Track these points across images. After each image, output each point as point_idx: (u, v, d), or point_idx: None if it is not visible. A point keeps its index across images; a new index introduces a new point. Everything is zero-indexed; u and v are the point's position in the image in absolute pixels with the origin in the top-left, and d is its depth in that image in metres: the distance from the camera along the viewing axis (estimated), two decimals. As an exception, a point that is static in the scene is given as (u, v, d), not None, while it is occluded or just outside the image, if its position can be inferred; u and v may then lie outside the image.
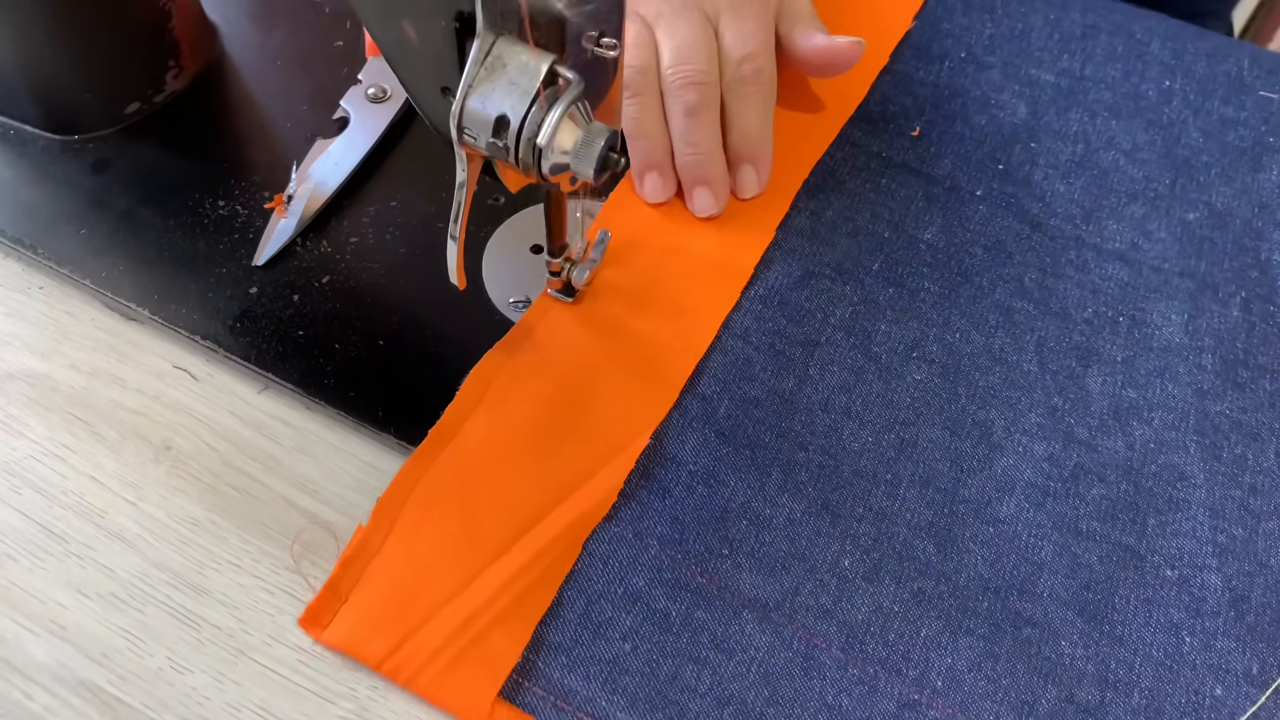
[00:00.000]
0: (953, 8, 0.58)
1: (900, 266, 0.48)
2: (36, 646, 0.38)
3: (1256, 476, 0.44)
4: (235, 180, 0.49)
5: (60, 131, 0.50)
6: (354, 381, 0.43)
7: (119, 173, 0.49)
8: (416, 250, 0.47)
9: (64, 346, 0.45)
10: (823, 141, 0.51)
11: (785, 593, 0.40)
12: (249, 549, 0.40)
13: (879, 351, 0.46)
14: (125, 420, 0.43)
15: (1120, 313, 0.48)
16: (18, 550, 0.40)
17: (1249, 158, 0.53)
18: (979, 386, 0.45)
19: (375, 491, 0.41)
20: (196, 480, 0.42)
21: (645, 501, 0.41)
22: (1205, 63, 0.56)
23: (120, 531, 0.40)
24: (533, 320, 0.45)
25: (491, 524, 0.40)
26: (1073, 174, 0.52)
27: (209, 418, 0.43)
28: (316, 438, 0.43)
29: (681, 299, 0.46)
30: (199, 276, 0.46)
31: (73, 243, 0.47)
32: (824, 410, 0.44)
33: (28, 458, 0.42)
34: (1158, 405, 0.45)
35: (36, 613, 0.38)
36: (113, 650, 0.38)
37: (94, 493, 0.41)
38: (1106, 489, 0.43)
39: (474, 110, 0.32)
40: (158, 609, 0.39)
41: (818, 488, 0.42)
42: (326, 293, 0.46)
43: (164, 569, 0.40)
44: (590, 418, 0.42)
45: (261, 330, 0.44)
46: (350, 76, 0.53)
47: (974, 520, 0.42)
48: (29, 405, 0.43)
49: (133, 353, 0.45)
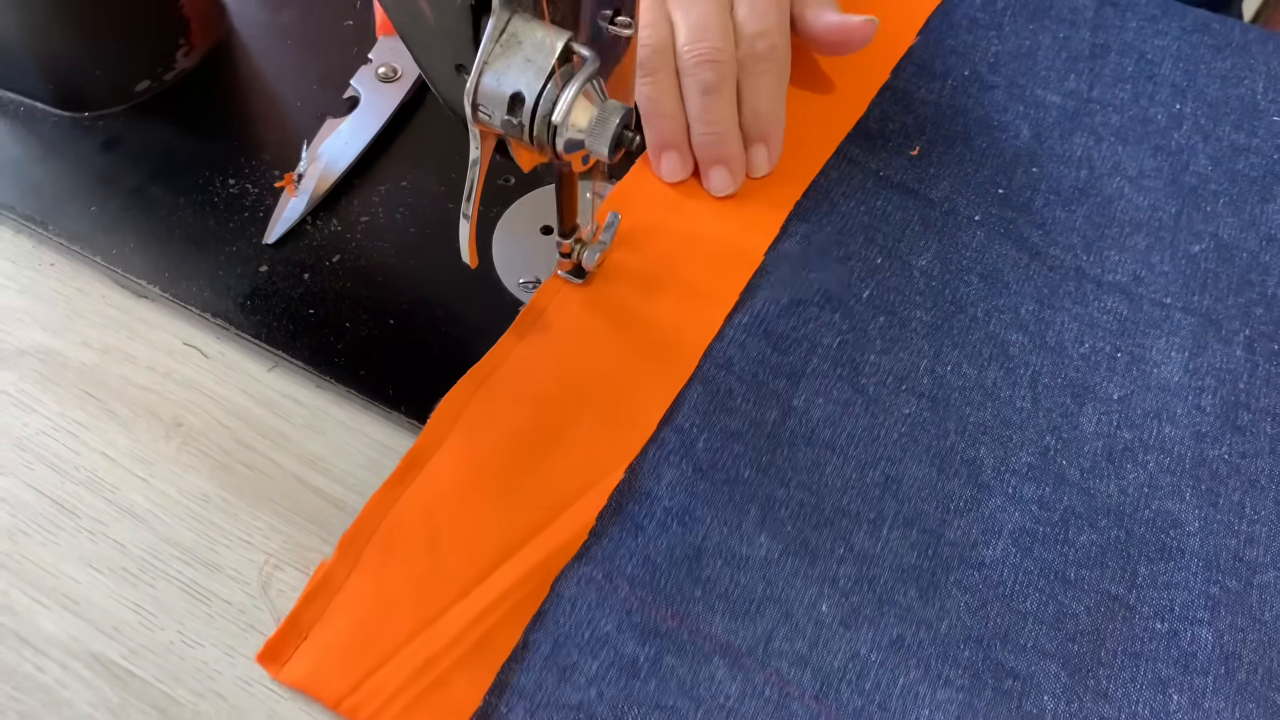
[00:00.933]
0: (958, 24, 0.56)
1: (892, 294, 0.47)
2: (48, 620, 0.38)
3: (1254, 526, 0.42)
4: (245, 158, 0.49)
5: (70, 109, 0.50)
6: (364, 360, 0.43)
7: (129, 150, 0.49)
8: (427, 229, 0.47)
9: (75, 323, 0.45)
10: (820, 156, 0.50)
11: (759, 638, 0.38)
12: (259, 525, 0.40)
13: (867, 383, 0.44)
14: (136, 397, 0.43)
15: (1119, 348, 0.46)
16: (30, 525, 0.40)
17: (1259, 187, 0.51)
18: (969, 422, 0.44)
19: (385, 470, 0.41)
20: (207, 457, 0.42)
21: (617, 540, 0.39)
22: (1218, 85, 0.54)
23: (131, 507, 0.40)
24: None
25: (458, 561, 0.38)
26: (1075, 201, 0.50)
27: (220, 395, 0.43)
28: (327, 415, 0.43)
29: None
30: (209, 254, 0.46)
31: (83, 220, 0.47)
32: (807, 444, 0.42)
33: (40, 433, 0.42)
34: (1154, 447, 0.43)
35: (48, 586, 0.39)
36: (124, 624, 0.38)
37: (105, 469, 0.41)
38: (1097, 535, 0.41)
39: (489, 87, 0.32)
40: (169, 584, 0.39)
41: (797, 526, 0.40)
42: (337, 271, 0.46)
43: (175, 544, 0.40)
44: (563, 451, 0.41)
45: (272, 308, 0.45)
46: (360, 56, 0.53)
47: (959, 564, 0.40)
48: (41, 381, 0.43)
49: (143, 330, 0.45)
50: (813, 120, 0.51)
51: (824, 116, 0.52)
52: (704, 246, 0.47)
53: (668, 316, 0.45)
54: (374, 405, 0.43)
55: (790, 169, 0.49)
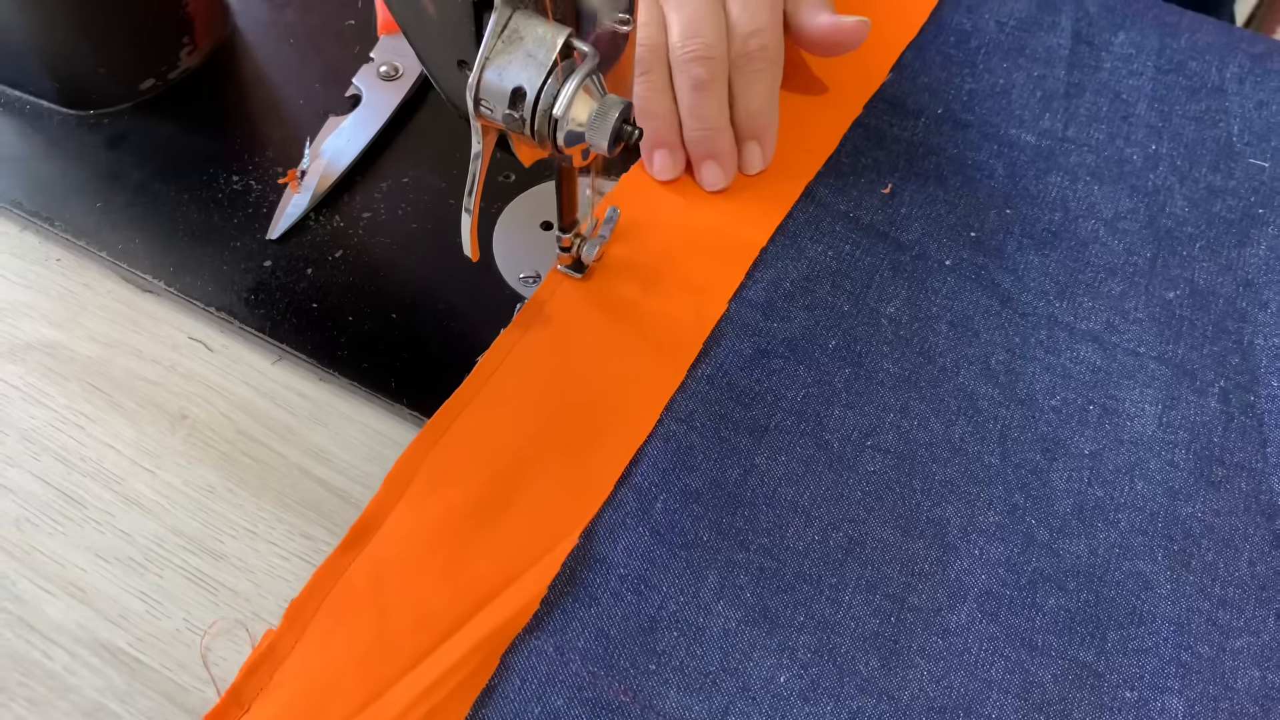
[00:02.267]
0: (931, 61, 0.55)
1: (859, 344, 0.45)
2: (55, 608, 0.38)
3: (1227, 588, 0.40)
4: (249, 156, 0.50)
5: (76, 107, 0.51)
6: (367, 353, 0.44)
7: (134, 147, 0.50)
8: (428, 225, 0.48)
9: (82, 318, 0.46)
10: (791, 194, 0.49)
11: (714, 712, 0.37)
12: (264, 516, 0.41)
13: (831, 439, 0.43)
14: (142, 390, 0.44)
15: (1091, 400, 0.45)
16: (38, 515, 0.40)
17: (1236, 230, 0.50)
18: (936, 480, 0.42)
19: (387, 461, 0.41)
20: (212, 449, 0.42)
21: (569, 610, 0.38)
22: (1194, 127, 0.53)
23: (138, 498, 0.41)
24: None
25: (407, 632, 0.37)
26: (1049, 244, 0.49)
27: (224, 388, 0.44)
28: (330, 408, 0.44)
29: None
30: (214, 250, 0.47)
31: (89, 216, 0.47)
32: (769, 505, 0.41)
33: (47, 425, 0.43)
34: (1125, 505, 0.42)
35: (56, 575, 0.39)
36: (130, 612, 0.38)
37: (112, 460, 0.42)
38: (1066, 598, 0.40)
39: (491, 82, 0.33)
40: (175, 573, 0.39)
41: (756, 593, 0.39)
42: (340, 266, 0.46)
43: (180, 534, 0.40)
44: (517, 515, 0.40)
45: (276, 302, 0.45)
46: (362, 55, 0.53)
47: (922, 631, 0.39)
48: (48, 375, 0.44)
49: (149, 324, 0.46)
50: (785, 155, 0.50)
51: (795, 152, 0.50)
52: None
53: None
54: (377, 398, 0.43)
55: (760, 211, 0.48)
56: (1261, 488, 0.43)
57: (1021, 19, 0.57)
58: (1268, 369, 0.46)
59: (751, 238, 0.47)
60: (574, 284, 0.46)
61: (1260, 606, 0.40)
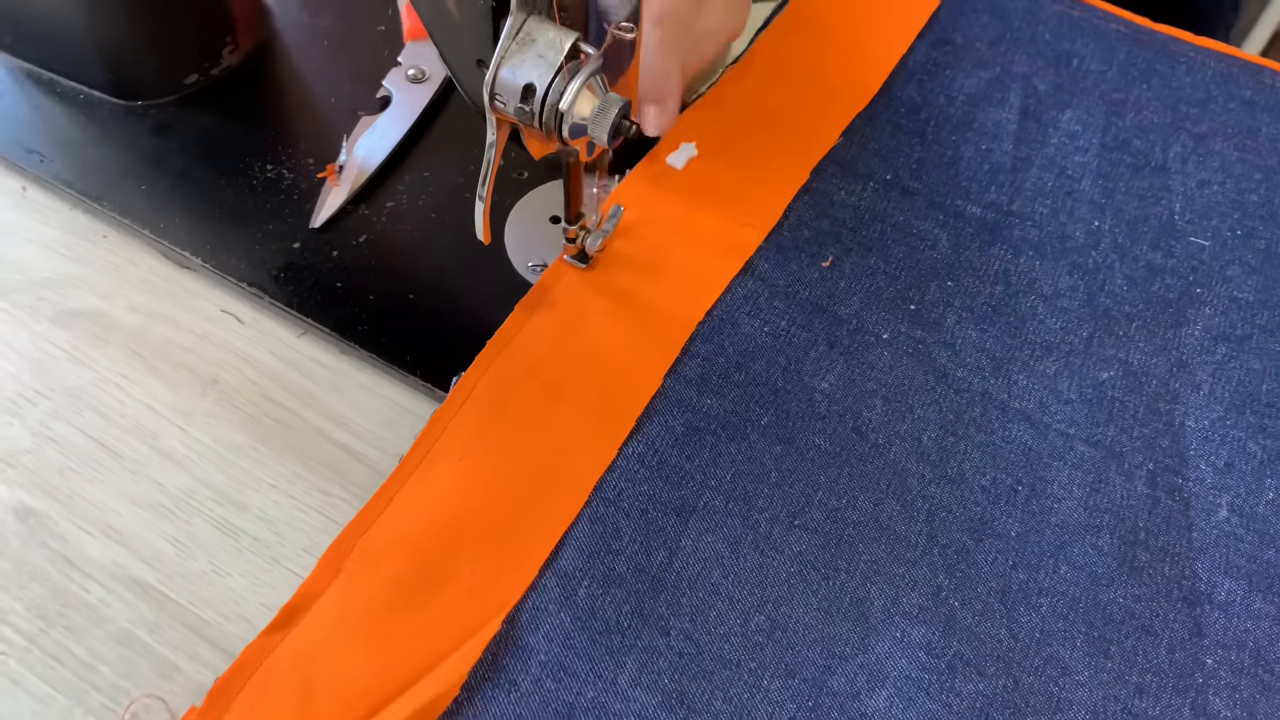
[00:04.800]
0: (881, 128, 0.56)
1: (791, 421, 0.45)
2: (93, 547, 0.42)
3: (1145, 675, 0.40)
4: (283, 148, 0.54)
5: (125, 97, 0.55)
6: (385, 329, 0.47)
7: (177, 136, 0.54)
8: (446, 216, 0.52)
9: (124, 289, 0.49)
10: (730, 270, 0.49)
11: None
12: (285, 472, 0.44)
13: (759, 519, 0.43)
14: (178, 356, 0.47)
15: (1020, 480, 0.45)
16: (79, 464, 0.44)
17: (1173, 310, 0.50)
18: (861, 559, 0.42)
19: (401, 428, 0.45)
20: (240, 411, 0.46)
21: (489, 696, 0.38)
22: (1136, 204, 0.54)
23: (170, 452, 0.45)
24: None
25: (328, 714, 0.38)
26: (987, 319, 0.49)
27: (252, 357, 0.48)
28: (349, 378, 0.47)
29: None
30: (247, 231, 0.50)
31: (134, 197, 0.51)
32: (692, 588, 0.41)
33: (90, 385, 0.46)
34: (1048, 590, 0.42)
35: (95, 518, 0.43)
36: (161, 554, 0.42)
37: (148, 418, 0.46)
38: (984, 683, 0.40)
39: (505, 79, 0.37)
40: (203, 520, 0.43)
41: (674, 679, 0.39)
42: (363, 250, 0.50)
43: (209, 486, 0.44)
44: (443, 599, 0.40)
45: (303, 281, 0.49)
46: (391, 58, 0.57)
47: (839, 715, 0.39)
48: (92, 340, 0.48)
49: (186, 297, 0.49)
50: (727, 228, 0.51)
51: (737, 226, 0.51)
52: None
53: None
54: (392, 369, 0.47)
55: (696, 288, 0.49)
56: (1185, 573, 0.43)
57: (971, 94, 0.58)
58: (1197, 451, 0.46)
59: (688, 314, 0.48)
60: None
61: (1177, 695, 0.40)
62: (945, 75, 0.59)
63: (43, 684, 0.39)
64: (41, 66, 0.56)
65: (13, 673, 0.39)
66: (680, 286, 0.49)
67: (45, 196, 0.52)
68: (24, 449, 0.44)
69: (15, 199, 0.52)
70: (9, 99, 0.55)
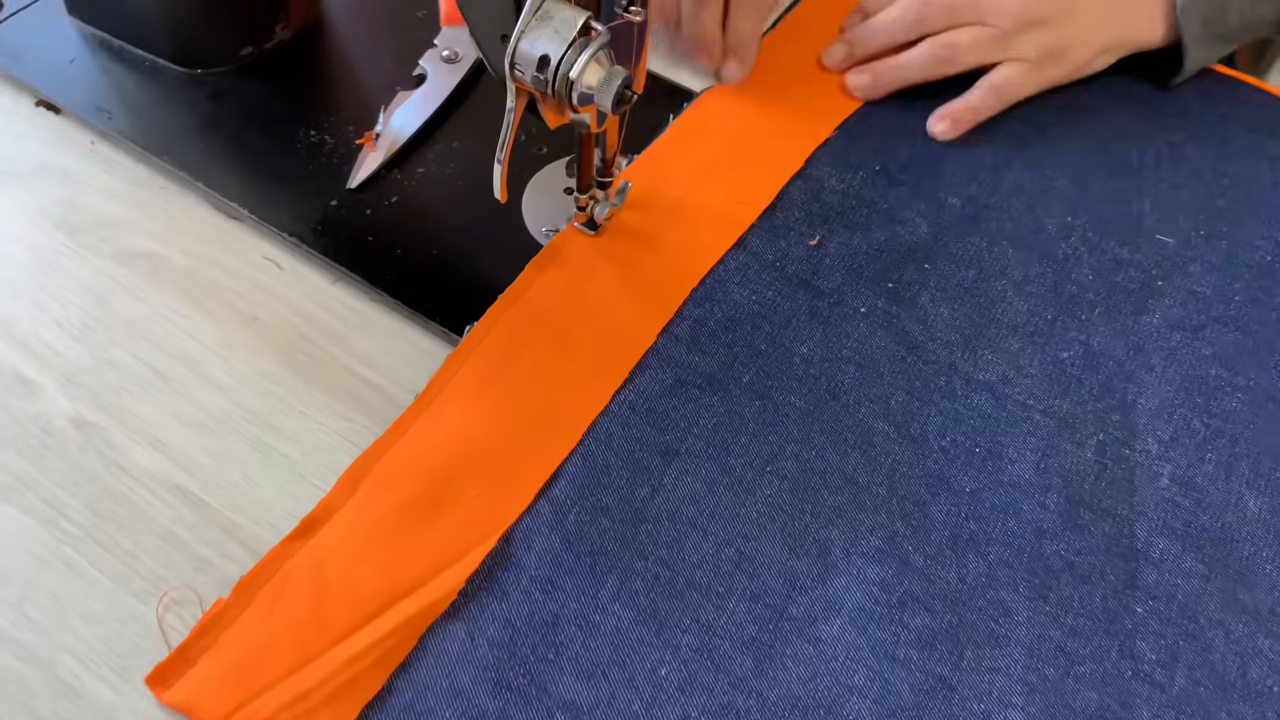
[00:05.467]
0: (874, 127, 0.60)
1: (770, 380, 0.49)
2: (142, 456, 0.47)
3: (1079, 619, 0.44)
4: (325, 116, 0.59)
5: (187, 65, 0.61)
6: (410, 279, 0.52)
7: (231, 102, 0.59)
8: (470, 183, 0.57)
9: (178, 236, 0.55)
10: (724, 243, 0.54)
11: (600, 698, 0.41)
12: (313, 401, 0.49)
13: (735, 464, 0.47)
14: (223, 296, 0.53)
15: (977, 444, 0.48)
16: (132, 385, 0.49)
17: (1135, 299, 0.54)
18: (826, 505, 0.46)
19: (420, 367, 0.50)
20: (275, 347, 0.51)
21: (483, 603, 0.42)
22: (1109, 203, 0.57)
23: (212, 378, 0.50)
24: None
25: (339, 611, 0.42)
26: (959, 299, 0.53)
27: (289, 299, 0.53)
28: (376, 322, 0.52)
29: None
30: (290, 188, 0.56)
31: (190, 154, 0.57)
32: (671, 521, 0.45)
33: (144, 318, 0.52)
34: (995, 540, 0.46)
35: (143, 432, 0.48)
36: (200, 465, 0.47)
37: (194, 348, 0.51)
38: (931, 618, 0.43)
39: (524, 51, 0.41)
40: (238, 438, 0.48)
41: (649, 597, 0.43)
42: (394, 210, 0.55)
43: (245, 409, 0.49)
44: (446, 519, 0.44)
45: (338, 234, 0.54)
46: (427, 41, 0.62)
47: (796, 638, 0.42)
48: (148, 278, 0.53)
49: (232, 244, 0.55)
50: (724, 207, 0.55)
51: (733, 204, 0.55)
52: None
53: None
54: (415, 315, 0.52)
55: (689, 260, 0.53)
56: (1124, 532, 0.46)
57: None
58: (1145, 426, 0.49)
59: (684, 280, 0.52)
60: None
61: (1107, 638, 0.43)
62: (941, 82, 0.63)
63: (94, 569, 0.44)
64: (114, 35, 0.61)
65: (69, 558, 0.44)
66: (678, 255, 0.54)
67: (111, 150, 0.58)
68: (84, 369, 0.49)
69: (85, 151, 0.58)
70: (84, 63, 0.61)
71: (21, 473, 0.46)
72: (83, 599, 0.43)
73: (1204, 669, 0.43)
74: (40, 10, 0.62)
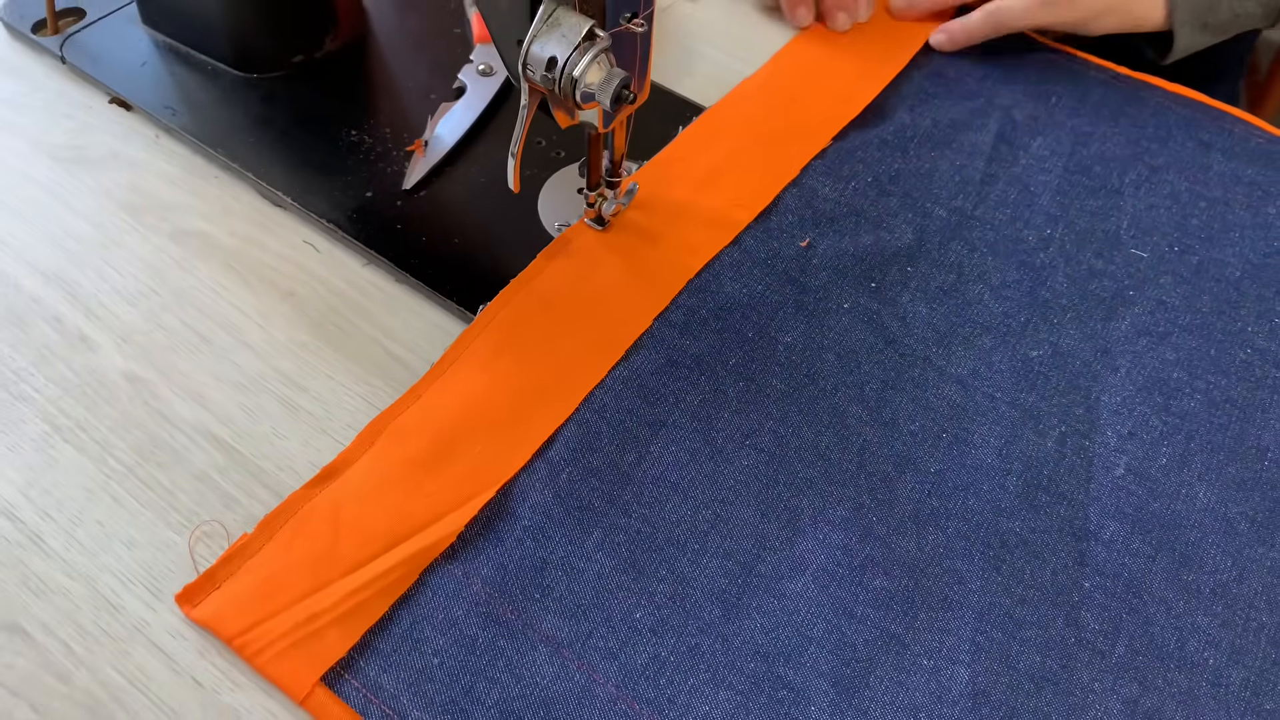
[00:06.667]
0: (868, 141, 0.64)
1: (754, 364, 0.53)
2: (183, 407, 0.52)
3: (1029, 590, 0.47)
4: (365, 118, 0.65)
5: (243, 70, 0.67)
6: (434, 264, 0.57)
7: (281, 103, 0.66)
8: (493, 181, 0.62)
9: (227, 219, 0.61)
10: (721, 241, 0.58)
11: (579, 634, 0.44)
12: (339, 366, 0.54)
13: (717, 436, 0.50)
14: (264, 273, 0.58)
15: (945, 429, 0.51)
16: (179, 345, 0.55)
17: (1106, 306, 0.57)
18: (798, 477, 0.49)
19: (437, 341, 0.55)
20: (309, 318, 0.56)
21: (479, 547, 0.47)
22: (1088, 219, 0.61)
23: (250, 343, 0.55)
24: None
25: (351, 547, 0.46)
26: (938, 300, 0.56)
27: (324, 278, 0.58)
28: (400, 301, 0.57)
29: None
30: (331, 181, 0.61)
31: (243, 147, 0.63)
32: (654, 484, 0.49)
33: (193, 289, 0.57)
34: (955, 515, 0.49)
35: (185, 386, 0.53)
36: (234, 417, 0.52)
37: (236, 317, 0.56)
38: (889, 582, 0.46)
39: (535, 53, 0.47)
40: (270, 396, 0.53)
41: (630, 549, 0.47)
42: (422, 203, 0.61)
43: (277, 372, 0.54)
44: (451, 471, 0.48)
45: (371, 222, 0.59)
46: (464, 55, 0.68)
47: (763, 592, 0.46)
48: (199, 254, 0.59)
49: (275, 228, 0.60)
50: (723, 206, 0.59)
51: (734, 202, 0.60)
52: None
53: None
54: (436, 296, 0.57)
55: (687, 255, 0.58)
56: (1078, 515, 0.49)
57: (955, 120, 0.66)
58: (1106, 421, 0.52)
59: (681, 272, 0.57)
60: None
61: (1054, 608, 0.47)
62: (934, 103, 0.68)
63: (135, 503, 0.49)
64: (181, 42, 0.68)
65: (115, 492, 0.49)
66: (677, 250, 0.58)
67: (172, 143, 0.64)
68: (138, 330, 0.55)
69: (150, 143, 0.64)
70: (153, 66, 0.67)
71: (79, 417, 0.52)
72: (125, 528, 0.48)
73: (1144, 639, 0.46)
74: (118, 19, 0.69)
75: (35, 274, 0.57)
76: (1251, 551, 0.49)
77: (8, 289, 0.56)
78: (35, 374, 0.53)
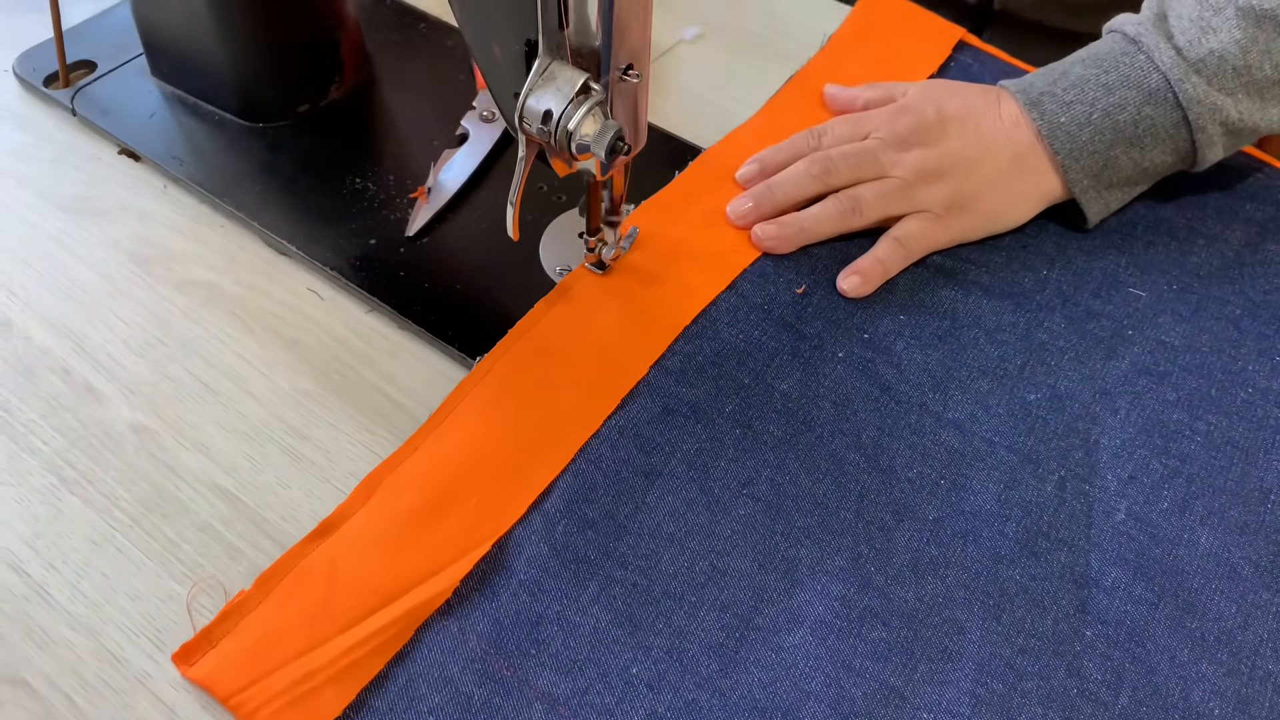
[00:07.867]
0: None
1: (751, 411, 0.53)
2: (187, 458, 0.53)
3: (1029, 640, 0.46)
4: (368, 165, 0.66)
5: (249, 119, 0.68)
6: (435, 311, 0.58)
7: (287, 152, 0.66)
8: (494, 228, 0.62)
9: (233, 267, 0.61)
10: (718, 286, 0.58)
11: (575, 690, 0.44)
12: (342, 414, 0.55)
13: (713, 486, 0.50)
14: (269, 322, 0.59)
15: (943, 475, 0.51)
16: (183, 394, 0.55)
17: (1104, 346, 0.56)
18: (796, 526, 0.49)
19: (439, 388, 0.55)
20: (313, 366, 0.57)
21: (475, 602, 0.47)
22: (1085, 258, 0.61)
23: (255, 392, 0.56)
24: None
25: (347, 604, 0.46)
26: (933, 346, 0.56)
27: (328, 326, 0.59)
28: (403, 348, 0.58)
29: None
30: (335, 228, 0.62)
31: (249, 196, 0.64)
32: (650, 536, 0.49)
33: (199, 338, 0.58)
34: (954, 564, 0.48)
35: (191, 437, 0.54)
36: (239, 467, 0.53)
37: (240, 366, 0.57)
38: (888, 633, 0.46)
39: (531, 106, 0.47)
40: (274, 445, 0.54)
41: (626, 602, 0.47)
42: (424, 249, 0.61)
43: (281, 421, 0.55)
44: (447, 526, 0.48)
45: (374, 269, 0.60)
46: (467, 102, 0.69)
47: (760, 645, 0.46)
48: (205, 303, 0.59)
49: (280, 276, 0.61)
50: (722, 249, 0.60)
51: (730, 247, 0.60)
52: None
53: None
54: (437, 342, 0.57)
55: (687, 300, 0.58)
56: (1079, 561, 0.49)
57: None
58: (1107, 464, 0.52)
59: (678, 318, 0.57)
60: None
61: (1055, 658, 0.46)
62: None
63: (140, 554, 0.49)
64: (188, 93, 0.69)
65: (119, 543, 0.50)
66: (675, 295, 0.59)
67: (180, 193, 0.65)
68: (144, 381, 0.56)
69: (158, 193, 0.65)
70: (161, 116, 0.68)
71: (84, 469, 0.52)
72: (129, 579, 0.49)
73: (1148, 690, 0.46)
74: (128, 71, 0.70)
75: (45, 325, 0.58)
76: (1256, 597, 0.49)
77: (18, 341, 0.57)
78: (43, 425, 0.54)
